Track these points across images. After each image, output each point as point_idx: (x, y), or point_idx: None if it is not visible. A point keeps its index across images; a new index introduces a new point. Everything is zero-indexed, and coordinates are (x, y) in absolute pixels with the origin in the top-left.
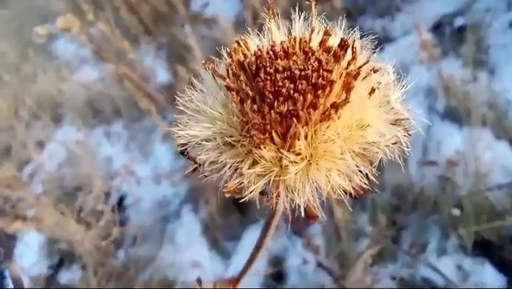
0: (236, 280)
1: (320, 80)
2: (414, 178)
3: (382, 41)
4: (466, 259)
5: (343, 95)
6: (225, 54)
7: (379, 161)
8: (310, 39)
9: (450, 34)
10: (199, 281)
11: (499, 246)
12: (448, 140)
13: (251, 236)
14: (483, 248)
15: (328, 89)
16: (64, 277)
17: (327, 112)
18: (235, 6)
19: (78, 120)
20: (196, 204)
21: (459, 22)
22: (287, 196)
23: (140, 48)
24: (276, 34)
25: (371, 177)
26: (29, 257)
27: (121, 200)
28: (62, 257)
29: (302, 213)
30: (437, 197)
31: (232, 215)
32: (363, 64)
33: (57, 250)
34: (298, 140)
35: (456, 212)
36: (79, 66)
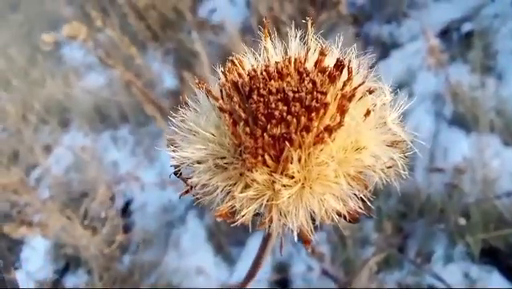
0: None
1: (314, 103)
2: (421, 185)
3: (389, 47)
4: (473, 267)
5: (338, 118)
6: (219, 73)
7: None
8: (305, 59)
9: (458, 40)
10: None
11: (507, 254)
12: (455, 146)
13: (256, 242)
14: (491, 256)
15: (322, 111)
16: (70, 281)
17: (320, 135)
18: (242, 13)
19: (85, 125)
20: (201, 209)
21: (467, 27)
22: (280, 220)
23: (148, 54)
24: (272, 53)
25: (367, 201)
26: (35, 261)
27: (127, 205)
28: (68, 261)
29: (296, 238)
30: (444, 205)
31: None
32: (359, 85)
33: (63, 255)
34: (291, 163)
35: (462, 221)
36: (86, 72)
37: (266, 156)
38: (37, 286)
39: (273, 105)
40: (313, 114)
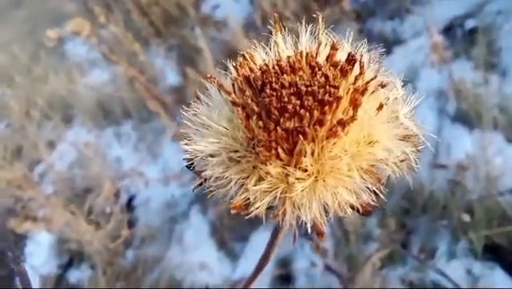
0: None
1: (327, 96)
2: (424, 181)
3: (392, 43)
4: (476, 263)
5: (351, 112)
6: (231, 68)
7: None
8: (317, 53)
9: (461, 37)
10: None
11: (510, 251)
12: (458, 143)
13: (259, 237)
14: (493, 252)
15: (335, 105)
16: (73, 276)
17: (333, 129)
18: (245, 9)
19: (88, 121)
20: (204, 205)
21: (470, 24)
22: (294, 212)
23: (151, 50)
24: (282, 47)
25: (380, 194)
26: (39, 256)
27: (130, 200)
28: (71, 256)
29: (309, 230)
30: (447, 201)
31: (240, 216)
32: (371, 79)
33: (67, 250)
34: (305, 156)
35: (466, 218)
36: (90, 68)
37: (280, 150)
38: (41, 280)
39: (286, 99)
40: (326, 108)
